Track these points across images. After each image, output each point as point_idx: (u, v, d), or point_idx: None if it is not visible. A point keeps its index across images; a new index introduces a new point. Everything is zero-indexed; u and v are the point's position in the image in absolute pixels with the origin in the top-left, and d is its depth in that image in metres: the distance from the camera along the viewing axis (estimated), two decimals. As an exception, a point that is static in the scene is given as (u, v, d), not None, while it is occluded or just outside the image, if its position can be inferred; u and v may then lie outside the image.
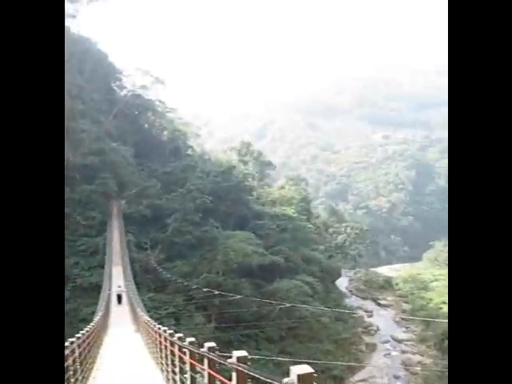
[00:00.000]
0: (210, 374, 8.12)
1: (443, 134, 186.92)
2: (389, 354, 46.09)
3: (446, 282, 65.36)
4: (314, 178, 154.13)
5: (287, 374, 4.04)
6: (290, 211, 64.57)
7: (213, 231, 51.42)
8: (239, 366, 5.87)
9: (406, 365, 42.83)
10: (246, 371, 5.65)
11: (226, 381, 6.91)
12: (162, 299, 39.24)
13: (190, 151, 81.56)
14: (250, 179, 75.47)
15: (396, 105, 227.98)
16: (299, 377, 4.01)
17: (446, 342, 42.06)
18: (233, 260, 46.42)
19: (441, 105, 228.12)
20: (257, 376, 4.93)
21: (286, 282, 47.02)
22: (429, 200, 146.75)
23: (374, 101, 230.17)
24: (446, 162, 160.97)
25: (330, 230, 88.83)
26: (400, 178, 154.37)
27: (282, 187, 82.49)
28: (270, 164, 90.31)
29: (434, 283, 67.48)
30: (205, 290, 32.08)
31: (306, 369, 4.15)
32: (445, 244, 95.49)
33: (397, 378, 40.99)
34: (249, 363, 6.10)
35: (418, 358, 44.29)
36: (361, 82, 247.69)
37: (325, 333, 44.76)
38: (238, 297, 31.06)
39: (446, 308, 52.85)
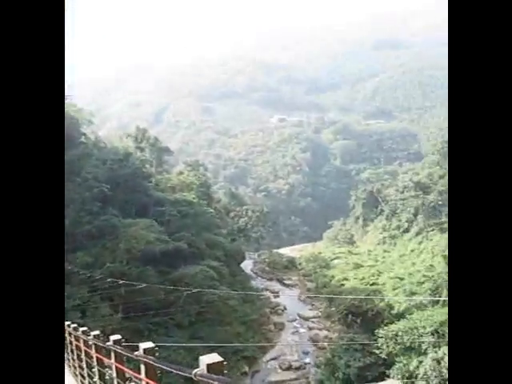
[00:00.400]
0: (117, 368, 7.73)
1: (336, 116, 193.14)
2: (297, 331, 47.02)
3: (346, 260, 67.76)
4: (213, 162, 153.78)
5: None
6: (191, 197, 64.01)
7: (113, 220, 49.95)
8: (146, 358, 5.73)
9: (314, 340, 43.90)
10: (153, 363, 5.47)
11: (134, 374, 6.52)
12: (65, 292, 37.68)
13: (83, 139, 78.49)
14: (147, 166, 73.92)
15: (290, 88, 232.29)
16: (208, 366, 3.98)
17: (349, 316, 43.55)
18: (136, 248, 45.41)
19: (332, 87, 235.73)
20: (165, 368, 4.73)
21: (191, 267, 46.50)
22: (325, 181, 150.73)
23: (268, 84, 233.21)
24: (339, 143, 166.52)
25: (232, 214, 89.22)
26: (297, 160, 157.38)
27: (181, 173, 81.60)
28: (167, 150, 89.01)
29: (335, 261, 69.56)
30: (109, 280, 31.15)
31: (215, 358, 4.12)
32: (343, 223, 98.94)
33: (306, 353, 41.95)
34: (157, 354, 5.87)
35: (324, 333, 45.50)
36: (254, 66, 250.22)
37: (233, 315, 44.86)
38: (144, 285, 30.43)
39: (347, 284, 54.69)
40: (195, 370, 3.88)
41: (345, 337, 40.44)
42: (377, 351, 31.32)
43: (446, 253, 44.02)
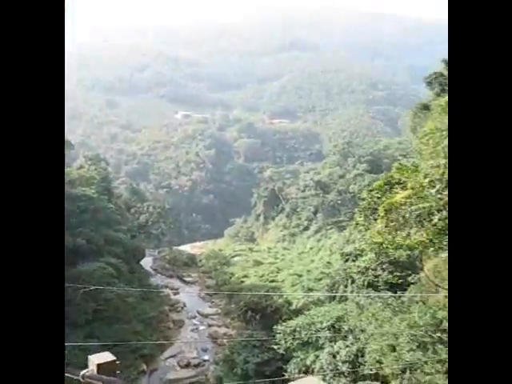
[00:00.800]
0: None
1: (241, 114, 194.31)
2: (196, 328, 46.86)
3: (246, 257, 68.35)
4: (114, 157, 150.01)
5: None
6: (90, 192, 61.86)
7: (6, 215, 47.67)
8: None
9: (213, 337, 43.96)
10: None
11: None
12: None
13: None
14: (46, 159, 70.97)
15: (196, 84, 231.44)
16: (99, 366, 3.70)
17: (249, 313, 43.86)
18: (31, 245, 43.46)
19: (238, 86, 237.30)
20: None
21: (89, 264, 45.02)
22: (228, 178, 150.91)
23: (174, 80, 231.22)
24: (243, 141, 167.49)
25: (132, 210, 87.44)
26: (200, 156, 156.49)
27: (81, 167, 78.89)
28: (67, 143, 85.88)
29: (236, 258, 69.99)
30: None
31: (106, 357, 3.84)
32: (244, 221, 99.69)
33: (205, 350, 41.92)
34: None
35: (223, 330, 45.61)
36: (161, 61, 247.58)
37: (132, 313, 43.88)
38: (38, 283, 29.13)
39: (247, 281, 55.23)
40: (83, 372, 3.64)
41: (244, 333, 40.71)
42: (275, 347, 31.71)
43: (344, 250, 45.47)
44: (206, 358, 40.31)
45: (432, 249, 20.51)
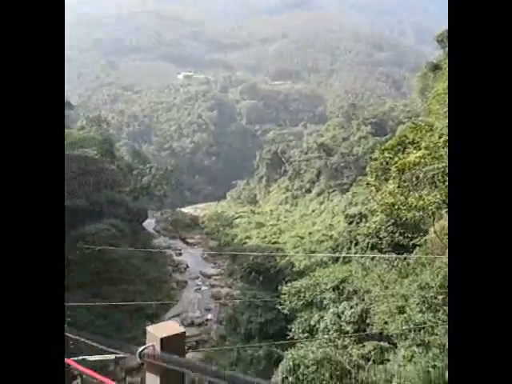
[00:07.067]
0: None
1: (243, 75, 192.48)
2: (199, 289, 47.09)
3: (248, 219, 68.28)
4: (116, 118, 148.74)
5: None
6: (92, 153, 61.54)
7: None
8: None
9: (216, 298, 44.21)
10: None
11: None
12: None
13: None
14: (46, 120, 70.24)
15: (197, 44, 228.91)
16: (164, 341, 2.89)
17: (252, 274, 43.98)
18: (33, 206, 43.29)
19: (241, 47, 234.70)
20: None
21: (92, 225, 45.01)
22: (230, 140, 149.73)
23: (174, 40, 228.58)
24: (246, 102, 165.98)
25: (135, 172, 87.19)
26: (203, 118, 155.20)
27: (82, 128, 78.56)
28: (68, 104, 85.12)
29: (238, 220, 69.91)
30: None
31: (172, 328, 3.00)
32: (247, 183, 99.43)
33: (208, 310, 42.21)
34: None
35: (226, 290, 45.83)
36: (161, 21, 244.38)
37: (136, 273, 44.09)
38: (43, 243, 29.08)
39: (250, 242, 55.32)
40: (141, 349, 2.93)
41: (247, 293, 40.89)
42: (279, 307, 31.84)
43: (346, 212, 45.43)
44: (210, 317, 40.67)
45: (445, 210, 20.30)
